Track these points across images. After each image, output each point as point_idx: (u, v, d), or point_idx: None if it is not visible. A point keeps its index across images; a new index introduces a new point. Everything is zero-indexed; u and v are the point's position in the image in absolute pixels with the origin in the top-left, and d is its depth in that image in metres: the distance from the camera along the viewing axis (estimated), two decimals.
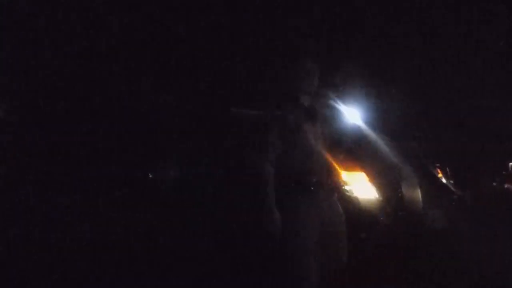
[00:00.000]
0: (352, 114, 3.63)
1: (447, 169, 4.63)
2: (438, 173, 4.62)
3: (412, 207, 3.91)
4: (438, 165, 4.65)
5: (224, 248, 3.44)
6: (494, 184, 5.68)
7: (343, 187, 3.44)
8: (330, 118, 2.43)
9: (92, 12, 3.97)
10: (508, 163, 5.78)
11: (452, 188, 4.50)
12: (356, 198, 3.42)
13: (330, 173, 2.27)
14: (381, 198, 3.67)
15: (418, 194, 3.93)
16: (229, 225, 3.50)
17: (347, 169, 3.33)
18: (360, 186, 3.52)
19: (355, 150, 3.52)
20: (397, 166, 3.94)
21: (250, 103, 4.00)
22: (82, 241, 3.55)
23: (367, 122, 3.67)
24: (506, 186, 5.65)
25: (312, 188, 2.19)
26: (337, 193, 2.33)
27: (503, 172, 5.67)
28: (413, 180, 4.00)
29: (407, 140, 4.40)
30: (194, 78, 4.35)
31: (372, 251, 3.35)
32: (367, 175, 3.49)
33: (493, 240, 4.12)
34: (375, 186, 3.57)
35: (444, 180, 4.56)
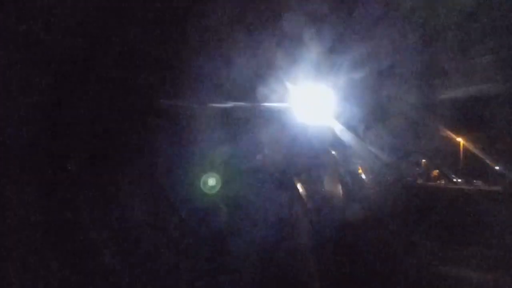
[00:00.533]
0: (293, 110, 3.81)
1: (366, 165, 4.98)
2: (358, 170, 4.97)
3: (334, 202, 4.21)
4: (358, 161, 5.00)
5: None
6: (409, 179, 6.23)
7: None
8: (271, 114, 2.45)
9: None
10: (421, 161, 6.35)
11: (370, 184, 4.86)
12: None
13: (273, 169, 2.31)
14: (305, 193, 3.92)
15: (339, 189, 4.22)
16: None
17: None
18: None
19: (284, 148, 3.73)
20: (322, 163, 4.19)
21: (181, 95, 4.01)
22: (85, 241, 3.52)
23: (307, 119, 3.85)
24: (418, 181, 6.24)
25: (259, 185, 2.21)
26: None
27: (417, 169, 6.24)
28: (335, 176, 4.29)
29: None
30: (125, 70, 4.25)
31: (295, 245, 3.58)
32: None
33: (406, 230, 4.55)
34: (300, 182, 3.79)
35: (363, 176, 4.92)
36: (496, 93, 4.92)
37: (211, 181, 3.33)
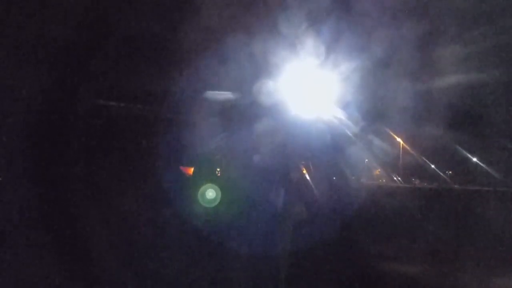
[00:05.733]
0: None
1: (310, 166, 5.08)
2: (303, 170, 5.06)
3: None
4: (303, 162, 5.09)
5: None
6: (353, 178, 6.44)
7: None
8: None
9: None
10: (364, 160, 6.57)
11: (313, 185, 4.96)
12: None
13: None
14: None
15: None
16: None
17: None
18: None
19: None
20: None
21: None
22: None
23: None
24: (361, 180, 6.47)
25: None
26: None
27: (360, 168, 6.45)
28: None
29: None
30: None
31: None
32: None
33: (349, 230, 4.69)
34: None
35: (307, 177, 5.00)
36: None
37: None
